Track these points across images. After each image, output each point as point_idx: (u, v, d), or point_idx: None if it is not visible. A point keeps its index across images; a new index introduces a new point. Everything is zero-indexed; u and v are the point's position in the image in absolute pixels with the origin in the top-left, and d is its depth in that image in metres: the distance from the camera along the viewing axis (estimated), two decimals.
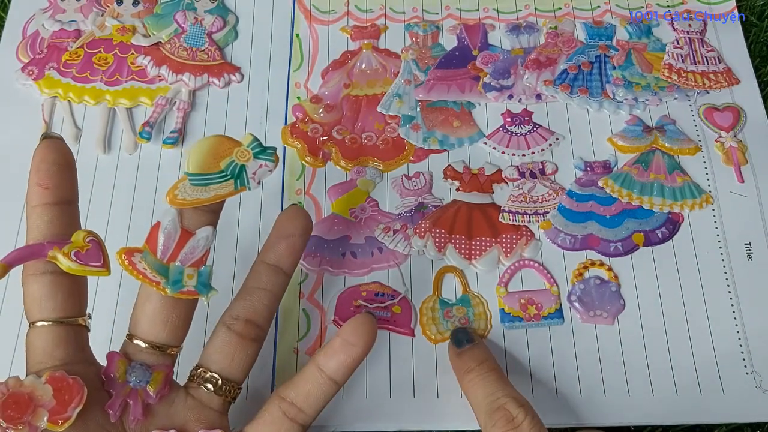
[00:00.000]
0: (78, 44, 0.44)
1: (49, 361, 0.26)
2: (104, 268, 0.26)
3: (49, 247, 0.26)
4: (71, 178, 0.28)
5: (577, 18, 0.46)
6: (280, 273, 0.30)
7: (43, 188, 0.27)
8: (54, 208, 0.27)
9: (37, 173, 0.27)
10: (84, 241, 0.26)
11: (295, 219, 0.30)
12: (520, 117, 0.42)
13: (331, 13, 0.46)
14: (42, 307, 0.26)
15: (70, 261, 0.25)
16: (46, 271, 0.26)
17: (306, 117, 0.42)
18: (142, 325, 0.27)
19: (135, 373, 0.27)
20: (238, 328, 0.28)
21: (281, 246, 0.30)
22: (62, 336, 0.26)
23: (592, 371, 0.35)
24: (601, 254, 0.38)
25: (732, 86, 0.43)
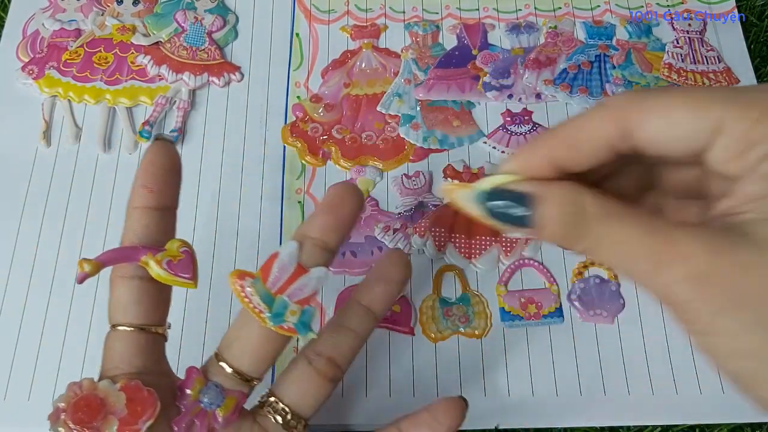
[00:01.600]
0: (78, 43, 0.44)
1: (126, 367, 0.25)
2: (192, 280, 0.26)
3: (143, 252, 0.25)
4: (176, 184, 0.27)
5: (576, 17, 0.46)
6: (370, 316, 0.29)
7: (148, 191, 0.26)
8: (154, 213, 0.26)
9: (144, 175, 0.27)
10: (178, 251, 0.26)
11: (398, 265, 0.30)
12: (520, 116, 0.42)
13: (331, 13, 0.46)
14: (126, 312, 0.26)
15: (161, 269, 0.25)
16: (135, 276, 0.26)
17: (306, 116, 0.42)
18: (233, 350, 0.27)
19: (209, 394, 0.26)
20: (320, 365, 0.28)
21: (378, 289, 0.29)
22: (142, 344, 0.26)
23: (591, 370, 0.35)
24: None
25: (732, 86, 0.43)
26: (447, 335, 0.36)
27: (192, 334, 0.36)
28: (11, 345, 0.36)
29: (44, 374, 0.35)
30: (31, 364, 0.35)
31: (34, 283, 0.37)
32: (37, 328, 0.36)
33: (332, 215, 0.27)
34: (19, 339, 0.36)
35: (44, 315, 0.36)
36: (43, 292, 0.37)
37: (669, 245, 0.18)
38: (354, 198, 0.27)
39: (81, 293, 0.37)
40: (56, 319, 0.36)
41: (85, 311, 0.36)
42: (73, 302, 0.37)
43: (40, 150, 0.41)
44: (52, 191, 0.40)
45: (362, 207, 0.27)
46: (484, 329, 0.36)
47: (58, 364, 0.35)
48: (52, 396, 0.34)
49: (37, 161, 0.40)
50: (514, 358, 0.36)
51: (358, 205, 0.27)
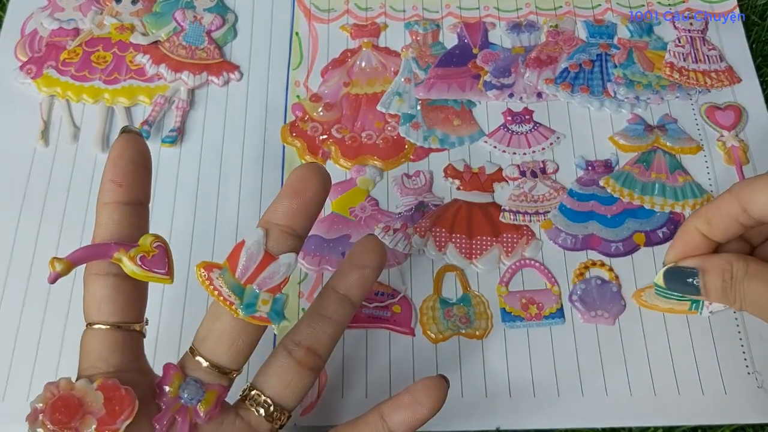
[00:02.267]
0: (76, 43, 0.44)
1: (102, 366, 0.25)
2: (168, 275, 0.25)
3: (115, 249, 0.25)
4: (146, 178, 0.27)
5: (578, 16, 0.46)
6: (348, 303, 0.29)
7: (117, 186, 0.26)
8: (125, 207, 0.26)
9: (113, 169, 0.26)
10: (151, 246, 0.25)
11: (371, 251, 0.29)
12: (521, 116, 0.42)
13: (331, 12, 0.46)
14: (101, 310, 0.26)
15: (135, 265, 0.25)
16: (109, 273, 0.26)
17: (305, 115, 0.42)
18: (207, 343, 0.26)
19: (188, 389, 0.26)
20: (299, 355, 0.27)
21: (353, 276, 0.29)
22: (119, 341, 0.26)
23: (593, 371, 0.35)
24: (602, 254, 0.38)
25: (733, 85, 0.43)
26: (447, 336, 0.36)
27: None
28: (9, 346, 0.35)
29: (42, 376, 0.35)
30: (30, 365, 0.35)
31: (32, 283, 0.37)
32: (35, 329, 0.36)
33: (297, 199, 0.26)
34: (17, 340, 0.36)
35: (42, 314, 0.36)
36: (42, 291, 0.37)
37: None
38: (318, 179, 0.26)
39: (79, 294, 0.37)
40: (54, 319, 0.36)
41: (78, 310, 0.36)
42: (72, 302, 0.36)
43: (38, 150, 0.41)
44: (50, 191, 0.39)
45: (328, 187, 0.27)
46: (485, 330, 0.36)
47: (56, 366, 0.35)
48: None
49: (34, 161, 0.40)
50: (515, 359, 0.35)
51: (322, 186, 0.27)
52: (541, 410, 0.34)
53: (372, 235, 0.30)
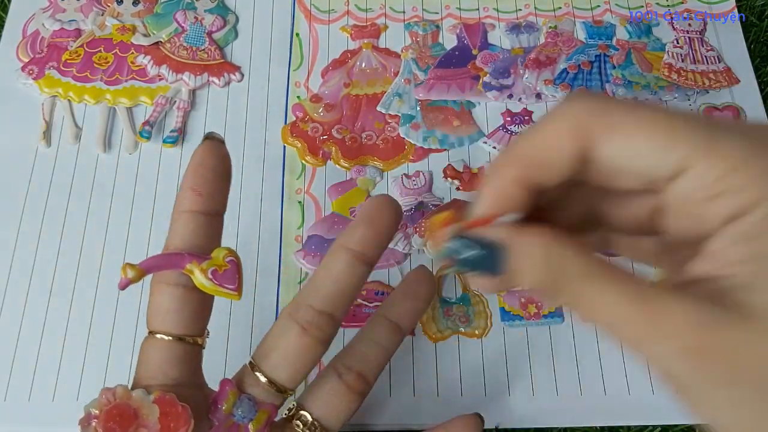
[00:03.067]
0: (78, 44, 0.44)
1: (161, 378, 0.25)
2: (237, 291, 0.25)
3: (188, 260, 0.24)
4: (225, 188, 0.26)
5: (576, 17, 0.46)
6: (398, 332, 0.29)
7: (197, 195, 0.25)
8: (201, 218, 0.25)
9: (194, 177, 0.25)
10: (223, 260, 0.25)
11: (424, 282, 0.29)
12: (520, 116, 0.42)
13: (331, 13, 0.46)
14: (166, 321, 0.25)
15: (205, 279, 0.24)
16: (179, 284, 0.25)
17: (306, 116, 0.42)
18: (270, 360, 0.26)
19: (242, 407, 0.25)
20: (349, 379, 0.27)
21: (406, 306, 0.29)
22: (179, 355, 0.25)
23: (592, 370, 0.35)
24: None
25: (732, 86, 0.43)
26: (447, 335, 0.36)
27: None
28: (11, 345, 0.36)
29: (43, 375, 0.35)
30: (31, 365, 0.35)
31: (34, 284, 0.37)
32: (37, 329, 0.36)
33: (372, 228, 0.26)
34: (19, 339, 0.36)
35: (44, 315, 0.36)
36: (43, 292, 0.37)
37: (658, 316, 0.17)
38: (392, 210, 0.26)
39: (81, 294, 0.37)
40: (56, 319, 0.36)
41: (84, 312, 0.36)
42: (73, 303, 0.37)
43: (40, 150, 0.41)
44: (52, 191, 0.40)
45: (400, 219, 0.27)
46: (484, 329, 0.36)
47: (58, 366, 0.35)
48: (52, 398, 0.34)
49: (37, 161, 0.40)
50: (515, 358, 0.36)
51: (396, 218, 0.26)
52: (540, 409, 0.34)
53: (424, 266, 0.30)
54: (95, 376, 0.35)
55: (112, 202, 0.39)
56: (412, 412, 0.34)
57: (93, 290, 0.37)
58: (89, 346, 0.36)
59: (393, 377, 0.35)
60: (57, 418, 0.34)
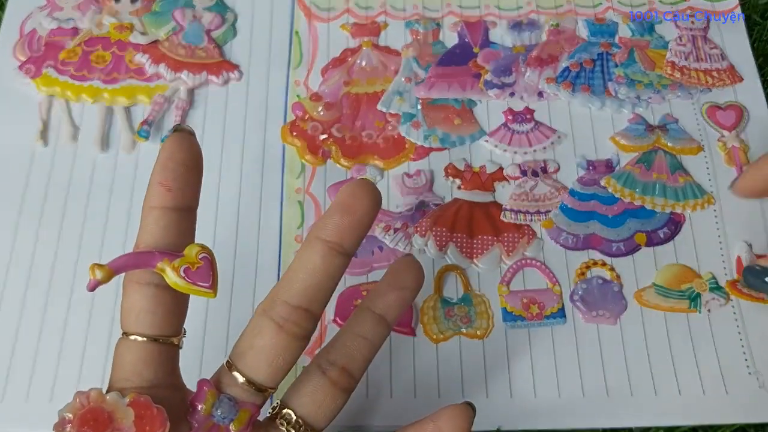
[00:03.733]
0: (75, 42, 0.43)
1: (136, 380, 0.24)
2: (212, 289, 0.24)
3: (159, 258, 0.24)
4: (197, 182, 0.26)
5: (578, 15, 0.46)
6: (384, 324, 0.28)
7: (166, 190, 0.24)
8: (172, 213, 0.25)
9: (162, 171, 0.25)
10: (196, 257, 0.24)
11: (410, 271, 0.28)
12: (522, 115, 0.42)
13: (331, 11, 0.46)
14: (139, 321, 0.24)
15: (178, 277, 0.24)
16: (151, 282, 0.24)
17: (306, 115, 0.42)
18: (247, 359, 0.25)
19: (222, 408, 0.25)
20: (333, 374, 0.26)
21: (391, 297, 0.28)
22: (154, 355, 0.24)
23: (594, 371, 0.35)
24: (604, 254, 0.38)
25: (735, 84, 0.43)
26: (448, 336, 0.36)
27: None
28: (8, 346, 0.35)
29: (42, 376, 0.35)
30: (29, 366, 0.35)
31: (31, 284, 0.37)
32: (34, 329, 0.36)
33: (347, 216, 0.25)
34: (17, 340, 0.35)
35: (42, 316, 0.36)
36: (41, 292, 0.37)
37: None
38: (369, 196, 0.25)
39: (79, 294, 0.37)
40: (54, 320, 0.36)
41: (82, 312, 0.36)
42: (72, 303, 0.36)
43: (37, 150, 0.41)
44: (50, 191, 0.39)
45: (379, 205, 0.26)
46: (486, 330, 0.36)
47: (56, 366, 0.35)
48: (50, 398, 0.34)
49: (34, 161, 0.40)
50: (516, 359, 0.35)
51: (374, 204, 0.25)
52: (542, 410, 0.34)
53: (410, 255, 0.29)
54: (93, 377, 0.35)
55: (110, 202, 0.39)
56: (413, 412, 0.34)
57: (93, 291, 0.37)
58: (87, 347, 0.35)
59: (394, 378, 0.35)
60: (54, 419, 0.34)
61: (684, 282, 0.37)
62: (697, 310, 0.36)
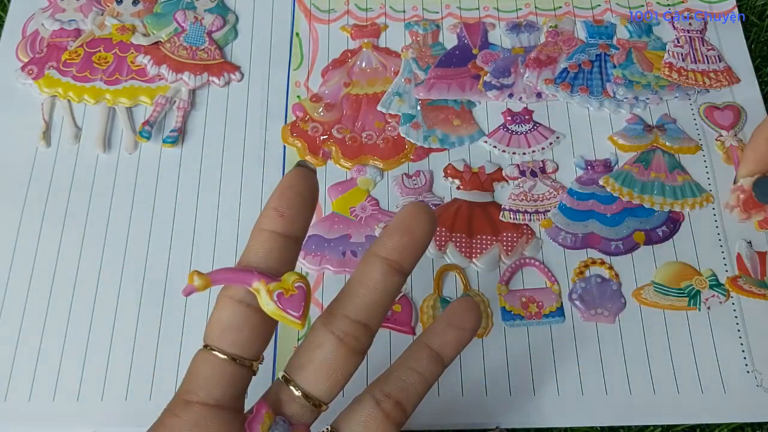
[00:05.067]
0: (78, 43, 0.44)
1: (203, 395, 0.24)
2: (301, 320, 0.24)
3: (257, 278, 0.24)
4: (309, 215, 0.26)
5: (577, 17, 0.46)
6: (440, 362, 0.28)
7: (279, 215, 0.25)
8: (279, 239, 0.25)
9: (279, 198, 0.25)
10: (292, 285, 0.24)
11: (470, 312, 0.28)
12: (521, 116, 0.42)
13: (331, 12, 0.46)
14: (223, 337, 0.24)
15: (270, 301, 0.23)
16: (243, 300, 0.24)
17: (306, 116, 0.42)
18: (305, 372, 0.25)
19: (277, 430, 0.25)
20: (387, 407, 0.26)
21: (450, 335, 0.28)
22: (227, 376, 0.24)
23: (593, 370, 0.35)
24: (602, 253, 0.38)
25: (732, 85, 0.43)
26: None
27: None
28: (11, 345, 0.35)
29: (44, 375, 0.35)
30: (32, 366, 0.35)
31: (34, 284, 0.37)
32: (36, 329, 0.36)
33: (407, 236, 0.25)
34: (20, 339, 0.36)
35: (44, 316, 0.36)
36: (44, 292, 0.37)
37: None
38: (427, 218, 0.26)
39: (81, 294, 0.37)
40: (56, 319, 0.36)
41: (84, 312, 0.36)
42: (74, 303, 0.37)
43: (39, 150, 0.41)
44: (52, 192, 0.39)
45: (435, 228, 0.26)
46: (485, 329, 0.36)
47: (58, 366, 0.35)
48: (52, 398, 0.34)
49: (36, 162, 0.40)
50: (515, 357, 0.35)
51: (431, 226, 0.26)
52: (541, 409, 0.34)
53: (469, 297, 0.30)
54: (95, 377, 0.35)
55: (112, 202, 0.39)
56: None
57: (93, 290, 0.37)
58: (89, 346, 0.36)
59: None
60: (57, 419, 0.34)
61: (683, 280, 0.37)
62: (696, 308, 0.36)
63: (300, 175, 0.25)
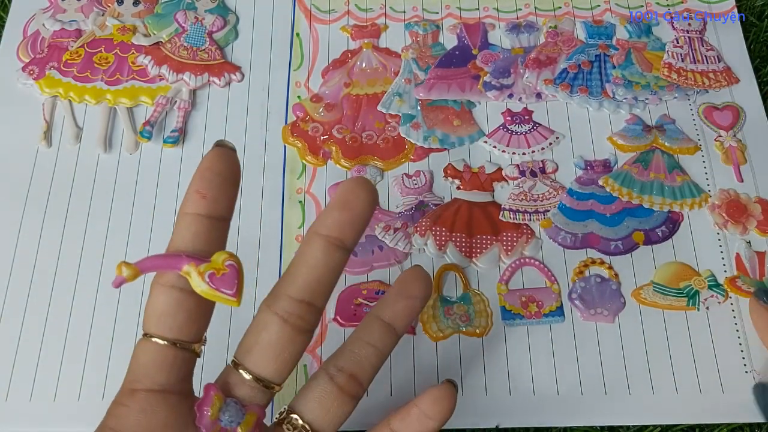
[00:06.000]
0: (79, 44, 0.44)
1: (147, 382, 0.24)
2: (235, 297, 0.24)
3: (186, 262, 0.24)
4: (232, 194, 0.26)
5: (576, 17, 0.46)
6: (393, 333, 0.28)
7: (201, 197, 0.25)
8: (204, 220, 0.25)
9: (200, 180, 0.25)
10: (223, 264, 0.24)
11: (419, 281, 0.28)
12: (521, 116, 0.43)
13: (332, 13, 0.46)
14: (160, 323, 0.24)
15: (202, 282, 0.24)
16: (176, 286, 0.24)
17: (306, 116, 0.42)
18: (253, 355, 0.25)
19: (229, 411, 0.25)
20: (341, 381, 0.26)
21: (400, 305, 0.28)
22: (169, 360, 0.24)
23: (592, 370, 0.35)
24: (602, 252, 0.38)
25: (731, 85, 0.44)
26: (448, 334, 0.36)
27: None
28: (12, 346, 0.36)
29: (45, 376, 0.35)
30: (32, 365, 0.35)
31: (35, 284, 0.37)
32: (37, 329, 0.36)
33: (346, 211, 0.25)
34: (21, 340, 0.36)
35: (45, 316, 0.36)
36: (44, 293, 0.37)
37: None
38: (367, 192, 0.25)
39: (82, 294, 0.37)
40: (57, 319, 0.36)
41: (85, 312, 0.36)
42: (74, 303, 0.37)
43: (40, 150, 0.41)
44: (53, 192, 0.40)
45: (376, 201, 0.26)
46: (485, 328, 0.36)
47: (59, 366, 0.35)
48: (53, 398, 0.34)
49: (37, 162, 0.40)
50: (515, 357, 0.36)
51: (371, 199, 0.26)
52: (541, 408, 0.35)
53: (419, 266, 0.29)
54: (96, 377, 0.35)
55: (112, 202, 0.39)
56: None
57: (94, 290, 0.37)
58: (90, 347, 0.36)
59: (393, 377, 0.35)
60: (58, 419, 0.34)
61: (682, 280, 0.37)
62: (695, 308, 0.37)
63: (218, 155, 0.25)
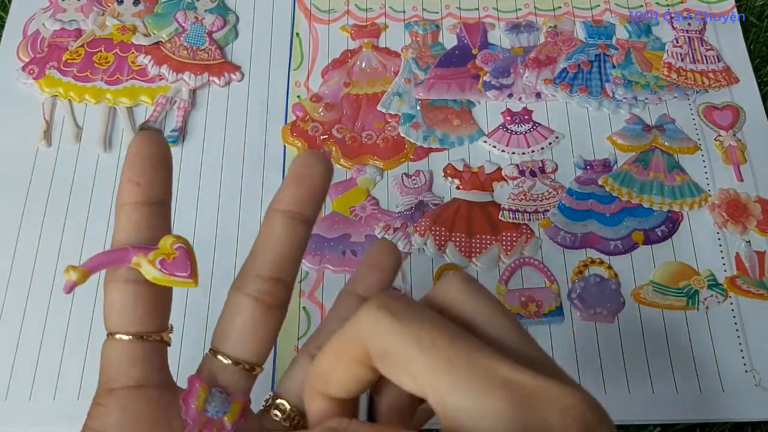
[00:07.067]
0: (78, 43, 0.44)
1: (123, 379, 0.24)
2: (191, 278, 0.24)
3: (133, 253, 0.23)
4: (166, 175, 0.25)
5: (576, 17, 0.46)
6: None
7: (135, 185, 0.24)
8: (143, 208, 0.24)
9: (130, 168, 0.25)
10: (171, 248, 0.24)
11: (388, 253, 0.28)
12: (520, 115, 0.43)
13: (331, 12, 0.46)
14: (121, 319, 0.24)
15: (154, 269, 0.23)
16: (129, 279, 0.24)
17: (306, 116, 0.42)
18: (229, 339, 0.25)
19: (214, 402, 0.25)
20: None
21: (372, 278, 0.28)
22: (140, 354, 0.24)
23: (591, 369, 0.35)
24: (601, 252, 0.38)
25: (731, 85, 0.44)
26: None
27: (192, 339, 0.36)
28: (12, 346, 0.36)
29: (45, 375, 0.35)
30: (32, 365, 0.35)
31: (34, 284, 0.37)
32: (37, 329, 0.36)
33: (302, 185, 0.25)
34: (20, 340, 0.36)
35: (45, 316, 0.36)
36: (44, 292, 0.37)
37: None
38: (320, 164, 0.25)
39: (82, 294, 0.37)
40: (57, 319, 0.36)
41: (85, 312, 0.36)
42: (74, 303, 0.37)
43: (40, 150, 0.41)
44: (53, 191, 0.40)
45: (331, 172, 0.26)
46: None
47: (58, 366, 0.35)
48: (53, 397, 0.34)
49: (37, 161, 0.40)
50: None
51: (326, 171, 0.26)
52: None
53: (385, 239, 0.30)
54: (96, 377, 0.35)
55: (112, 202, 0.39)
56: None
57: (94, 290, 0.37)
58: (90, 346, 0.36)
59: None
60: (57, 418, 0.34)
61: (682, 279, 0.37)
62: (695, 308, 0.37)
63: (144, 138, 0.25)
